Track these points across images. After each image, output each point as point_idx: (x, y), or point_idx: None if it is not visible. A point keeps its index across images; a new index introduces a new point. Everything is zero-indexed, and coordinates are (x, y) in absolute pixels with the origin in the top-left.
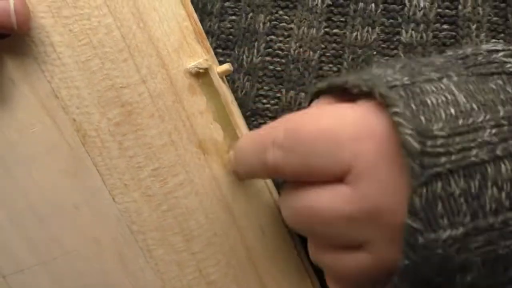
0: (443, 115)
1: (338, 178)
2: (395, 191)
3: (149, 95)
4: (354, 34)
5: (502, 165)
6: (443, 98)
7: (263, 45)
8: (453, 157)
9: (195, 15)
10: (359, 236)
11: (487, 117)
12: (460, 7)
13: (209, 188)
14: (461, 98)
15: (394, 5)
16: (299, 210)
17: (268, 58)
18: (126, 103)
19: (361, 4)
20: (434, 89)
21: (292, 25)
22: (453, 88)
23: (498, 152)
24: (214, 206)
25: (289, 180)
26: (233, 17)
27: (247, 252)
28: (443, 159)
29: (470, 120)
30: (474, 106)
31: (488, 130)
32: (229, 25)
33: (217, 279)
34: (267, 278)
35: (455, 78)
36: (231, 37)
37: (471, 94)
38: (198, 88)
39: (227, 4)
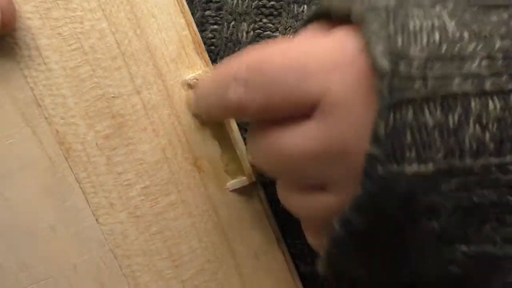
0: (424, 39)
1: (307, 113)
2: (365, 127)
3: (143, 106)
4: None
5: (490, 101)
6: (429, 23)
7: None
8: (430, 83)
9: (194, 25)
10: (325, 176)
11: (479, 47)
12: None
13: (203, 209)
14: (451, 25)
15: None
16: (264, 149)
17: None
18: (117, 115)
19: None
20: (421, 13)
21: (277, 33)
22: (444, 15)
23: (487, 86)
24: (208, 229)
25: (254, 120)
26: (215, 26)
27: (240, 279)
28: (417, 84)
29: (457, 47)
30: (465, 34)
31: (478, 61)
32: (210, 35)
33: None
34: None
35: (451, 6)
36: (213, 47)
37: (465, 22)
38: None
39: (207, 12)
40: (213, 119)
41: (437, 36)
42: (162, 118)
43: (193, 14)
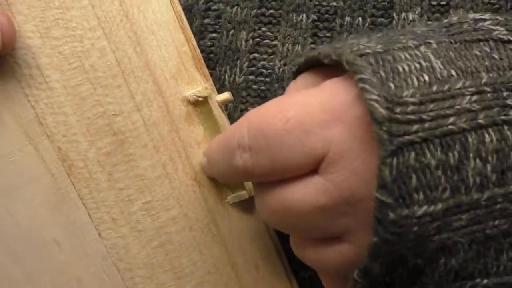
0: (415, 82)
1: (313, 170)
2: (371, 175)
3: (143, 123)
4: None
5: (486, 135)
6: (417, 65)
7: (246, 63)
8: (426, 125)
9: (193, 40)
10: (337, 227)
11: (467, 83)
12: None
13: (204, 223)
14: (438, 65)
15: (382, 19)
16: (274, 207)
17: (251, 77)
18: (118, 132)
19: (347, 19)
20: (408, 56)
21: (276, 42)
22: (430, 55)
23: (480, 120)
24: (208, 242)
25: (263, 181)
26: (214, 35)
27: None
28: (415, 127)
29: (446, 87)
30: (453, 72)
31: (468, 97)
32: (209, 43)
33: None
34: None
35: (434, 45)
36: (212, 55)
37: (450, 60)
38: (195, 117)
39: (206, 21)
40: (227, 182)
41: (426, 77)
42: (162, 134)
43: (192, 22)
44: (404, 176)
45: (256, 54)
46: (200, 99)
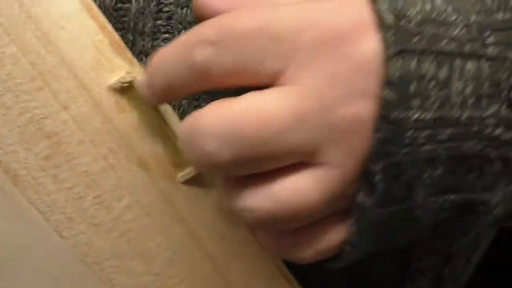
0: (419, 6)
1: (277, 76)
2: (344, 82)
3: (74, 121)
4: None
5: (468, 62)
6: None
7: None
8: (425, 40)
9: (109, 26)
10: (311, 141)
11: (459, 18)
12: None
13: (159, 205)
14: (439, 1)
15: None
16: (243, 127)
17: None
18: (52, 134)
19: None
20: None
21: None
22: None
23: (466, 49)
24: (168, 223)
25: (218, 85)
26: (166, 35)
27: (211, 261)
28: (416, 38)
29: (443, 16)
30: (449, 8)
31: (459, 28)
32: (162, 44)
33: None
34: (237, 283)
35: None
36: None
37: (449, 0)
38: (126, 104)
39: (159, 22)
40: (170, 94)
41: (429, 5)
42: (96, 127)
43: (144, 24)
44: (406, 80)
45: None
46: (125, 85)
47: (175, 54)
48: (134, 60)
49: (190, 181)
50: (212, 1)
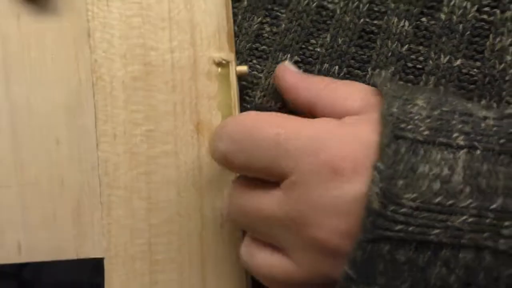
0: (424, 187)
1: (279, 181)
2: (324, 207)
3: (171, 64)
4: None
5: (462, 252)
6: (437, 171)
7: None
8: (410, 229)
9: (231, 21)
10: (283, 240)
11: (473, 205)
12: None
13: (190, 167)
14: (458, 177)
15: (358, 71)
16: (241, 207)
17: None
18: (149, 64)
19: (325, 65)
20: (438, 157)
21: (261, 75)
22: (459, 164)
23: (464, 241)
24: (188, 186)
25: (235, 171)
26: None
27: (200, 243)
28: (398, 227)
29: (451, 202)
30: (467, 189)
31: (465, 217)
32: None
33: (162, 260)
34: (209, 278)
35: (477, 153)
36: None
37: (475, 175)
38: (214, 76)
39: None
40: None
41: (437, 186)
42: (183, 79)
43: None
44: (374, 261)
45: (243, 83)
46: (223, 61)
47: (211, 140)
48: (235, 50)
49: None
50: (287, 76)
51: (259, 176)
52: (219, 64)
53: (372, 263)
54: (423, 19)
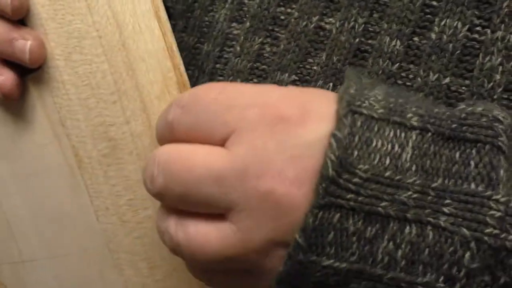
0: (376, 160)
1: (224, 140)
2: (269, 159)
3: (130, 134)
4: None
5: (407, 227)
6: (389, 147)
7: None
8: (360, 198)
9: (182, 67)
10: (225, 199)
11: (417, 182)
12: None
13: None
14: (406, 156)
15: None
16: (173, 163)
17: None
18: (112, 139)
19: (320, 82)
20: (391, 134)
21: None
22: (409, 143)
23: (408, 215)
24: None
25: (183, 141)
26: (221, 78)
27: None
28: (349, 196)
29: (398, 177)
30: (413, 167)
31: (409, 193)
32: None
33: None
34: None
35: (428, 135)
36: None
37: (422, 155)
38: None
39: (218, 66)
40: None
41: (388, 161)
42: (144, 145)
43: (207, 65)
44: (324, 230)
45: None
46: None
47: (163, 111)
48: None
49: None
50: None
51: (203, 139)
52: None
53: (322, 231)
54: (415, 38)
